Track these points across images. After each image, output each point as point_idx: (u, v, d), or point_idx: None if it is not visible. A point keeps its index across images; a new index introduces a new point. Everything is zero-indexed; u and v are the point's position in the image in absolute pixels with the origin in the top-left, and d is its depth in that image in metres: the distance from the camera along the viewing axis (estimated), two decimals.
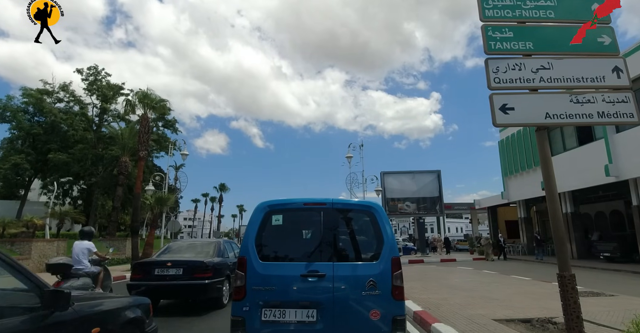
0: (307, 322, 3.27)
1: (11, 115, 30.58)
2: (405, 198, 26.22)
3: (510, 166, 24.40)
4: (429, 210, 26.29)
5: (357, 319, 3.30)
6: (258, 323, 3.29)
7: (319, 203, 3.71)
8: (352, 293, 3.35)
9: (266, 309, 3.32)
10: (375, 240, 3.58)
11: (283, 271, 3.43)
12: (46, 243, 18.76)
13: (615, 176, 15.77)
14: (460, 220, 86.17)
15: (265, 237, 3.60)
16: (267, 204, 3.73)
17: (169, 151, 25.02)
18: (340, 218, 3.69)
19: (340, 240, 3.63)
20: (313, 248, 3.54)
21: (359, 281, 3.37)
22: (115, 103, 34.24)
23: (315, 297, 3.33)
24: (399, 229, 74.22)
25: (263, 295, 3.34)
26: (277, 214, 3.68)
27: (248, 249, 3.51)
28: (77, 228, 36.91)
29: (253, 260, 3.46)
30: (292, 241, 3.73)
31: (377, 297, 3.34)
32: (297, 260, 3.51)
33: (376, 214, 3.64)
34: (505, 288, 9.16)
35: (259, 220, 3.62)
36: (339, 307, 3.30)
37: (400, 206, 26.10)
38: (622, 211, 20.43)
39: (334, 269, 3.40)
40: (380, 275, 3.41)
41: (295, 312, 3.29)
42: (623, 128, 16.06)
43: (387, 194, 26.07)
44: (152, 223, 19.05)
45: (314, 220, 3.66)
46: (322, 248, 3.52)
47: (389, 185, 26.03)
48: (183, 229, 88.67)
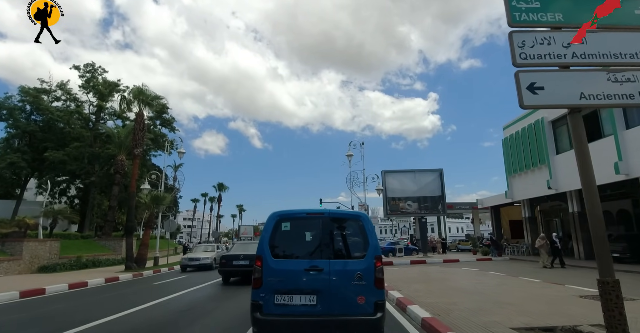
0: (309, 305, 4.15)
1: (7, 113, 30.06)
2: (407, 197, 25.70)
3: (514, 165, 23.87)
4: (431, 210, 25.75)
5: (347, 303, 4.15)
6: (272, 306, 4.16)
7: (318, 213, 4.65)
8: (344, 283, 4.19)
9: (278, 295, 4.18)
10: (362, 242, 4.43)
11: (290, 266, 4.29)
12: (38, 243, 18.22)
13: (625, 174, 15.23)
14: (460, 220, 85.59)
15: (276, 239, 4.48)
16: (278, 214, 4.63)
17: (166, 149, 24.48)
18: (334, 225, 4.56)
19: (335, 242, 4.49)
20: (314, 248, 4.40)
21: (349, 274, 4.22)
22: (111, 101, 33.78)
23: (315, 286, 4.18)
24: (399, 229, 73.70)
25: (275, 284, 4.21)
26: (286, 221, 4.61)
27: (263, 249, 4.39)
28: (74, 228, 36.38)
29: (267, 257, 4.33)
30: (297, 243, 4.59)
31: (363, 286, 4.18)
32: (301, 257, 4.36)
33: (363, 222, 4.54)
34: (516, 291, 8.64)
35: (272, 226, 4.51)
36: (334, 294, 4.16)
37: (401, 205, 25.57)
38: (630, 210, 19.91)
39: (330, 265, 4.26)
40: (366, 269, 4.24)
41: (300, 297, 4.17)
42: (633, 124, 15.54)
43: (389, 194, 25.55)
44: (147, 223, 18.52)
45: (315, 226, 4.54)
46: (321, 248, 4.38)
47: (390, 184, 25.50)
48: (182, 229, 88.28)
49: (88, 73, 32.99)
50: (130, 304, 8.11)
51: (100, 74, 33.56)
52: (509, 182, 24.70)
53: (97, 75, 33.31)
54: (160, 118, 33.09)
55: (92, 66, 33.34)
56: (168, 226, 21.44)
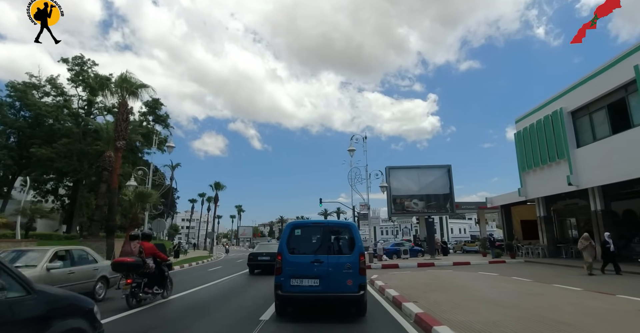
0: (314, 286, 6.04)
1: None
2: (412, 195, 24.09)
3: (528, 160, 22.21)
4: (438, 209, 24.10)
5: (340, 284, 6.04)
6: (289, 286, 6.08)
7: (321, 223, 7.11)
8: (338, 271, 6.10)
9: (292, 279, 6.09)
10: (351, 244, 6.40)
11: (301, 260, 6.21)
12: (12, 244, 16.70)
13: None
14: (463, 221, 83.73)
15: (291, 241, 6.45)
16: (292, 223, 7.04)
17: (154, 143, 22.82)
18: (332, 231, 6.65)
19: (332, 243, 6.50)
20: (317, 247, 6.38)
21: (342, 265, 6.14)
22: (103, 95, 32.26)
23: (318, 273, 6.07)
24: (400, 230, 72.37)
25: (291, 271, 6.12)
26: (298, 229, 6.73)
27: (282, 248, 6.32)
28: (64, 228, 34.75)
29: (285, 253, 6.26)
30: (306, 243, 6.54)
31: (351, 273, 6.08)
32: (308, 253, 6.30)
33: (352, 229, 6.61)
34: (561, 304, 7.00)
35: (288, 232, 6.57)
36: (331, 278, 6.06)
37: (407, 204, 23.93)
38: None
39: (328, 259, 6.18)
40: (353, 262, 6.15)
41: (307, 280, 6.06)
42: None
43: (393, 192, 23.89)
44: (130, 221, 16.89)
45: (318, 232, 6.65)
46: (322, 247, 6.36)
47: (394, 181, 23.84)
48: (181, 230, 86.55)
49: (77, 66, 31.41)
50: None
51: (90, 67, 31.98)
52: (522, 179, 23.05)
53: (86, 68, 31.71)
54: (153, 114, 31.45)
55: (80, 59, 31.74)
56: (156, 226, 19.84)
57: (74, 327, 2.71)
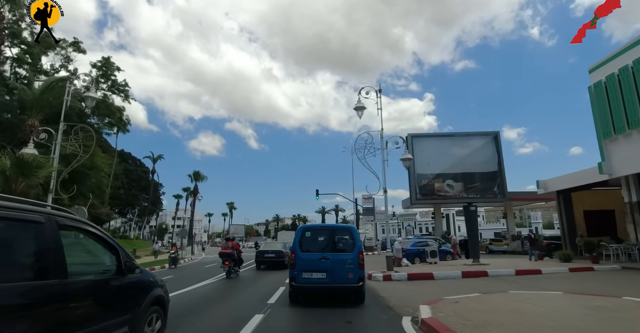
0: (321, 278, 7.44)
1: None
2: (445, 173, 17.23)
3: (616, 121, 15.31)
4: (483, 192, 17.20)
5: (343, 277, 7.40)
6: (301, 278, 7.50)
7: (327, 226, 10.59)
8: (341, 266, 7.44)
9: (304, 272, 7.50)
10: (352, 243, 7.84)
11: (311, 257, 7.63)
12: None
13: None
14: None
15: (303, 241, 8.01)
16: (304, 227, 9.92)
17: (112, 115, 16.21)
18: (336, 233, 8.24)
19: (336, 243, 7.94)
20: (324, 246, 7.85)
21: (344, 261, 7.47)
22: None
23: (325, 267, 7.44)
24: (403, 228, 66.27)
25: (302, 266, 7.54)
26: (308, 231, 8.68)
27: (295, 247, 7.83)
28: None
29: (297, 251, 7.74)
30: (315, 243, 8.10)
31: (352, 268, 7.42)
32: (317, 251, 7.74)
33: (352, 231, 8.21)
34: None
35: (300, 233, 8.22)
36: (335, 272, 7.42)
37: (438, 186, 17.05)
38: None
39: (333, 256, 7.57)
40: (353, 259, 7.49)
41: (316, 274, 7.45)
42: None
43: (418, 169, 17.01)
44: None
45: (324, 234, 8.29)
46: (328, 246, 7.83)
47: (419, 155, 16.90)
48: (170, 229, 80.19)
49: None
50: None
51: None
52: (604, 149, 16.09)
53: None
54: (106, 78, 24.92)
55: None
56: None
57: (160, 294, 4.24)
